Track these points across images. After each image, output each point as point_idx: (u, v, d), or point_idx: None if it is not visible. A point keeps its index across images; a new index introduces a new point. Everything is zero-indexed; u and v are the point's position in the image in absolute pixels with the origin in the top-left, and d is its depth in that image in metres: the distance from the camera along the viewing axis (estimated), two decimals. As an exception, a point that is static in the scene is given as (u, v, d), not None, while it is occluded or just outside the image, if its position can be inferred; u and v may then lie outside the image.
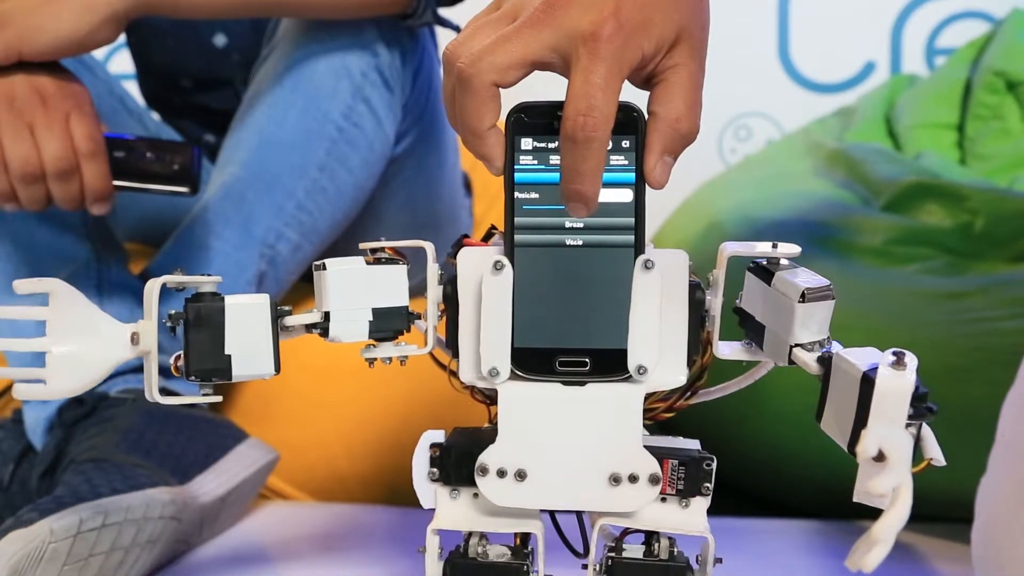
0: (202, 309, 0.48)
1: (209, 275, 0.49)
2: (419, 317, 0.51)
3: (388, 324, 0.50)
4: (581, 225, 0.46)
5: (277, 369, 0.49)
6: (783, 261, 0.47)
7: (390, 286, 0.50)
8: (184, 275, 0.48)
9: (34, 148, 0.74)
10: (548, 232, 0.46)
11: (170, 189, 0.80)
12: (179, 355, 0.49)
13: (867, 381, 0.40)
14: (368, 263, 0.49)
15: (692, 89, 0.45)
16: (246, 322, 0.48)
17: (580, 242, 0.46)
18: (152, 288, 0.48)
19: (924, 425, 0.40)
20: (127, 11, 0.77)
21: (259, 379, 0.49)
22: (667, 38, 0.44)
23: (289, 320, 0.49)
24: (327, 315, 0.49)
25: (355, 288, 0.49)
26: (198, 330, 0.48)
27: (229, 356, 0.48)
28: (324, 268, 0.48)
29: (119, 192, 0.79)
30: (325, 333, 0.49)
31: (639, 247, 0.45)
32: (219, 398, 0.50)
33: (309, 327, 0.50)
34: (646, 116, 0.45)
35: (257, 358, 0.49)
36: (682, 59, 0.44)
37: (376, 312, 0.49)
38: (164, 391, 0.88)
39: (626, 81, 0.45)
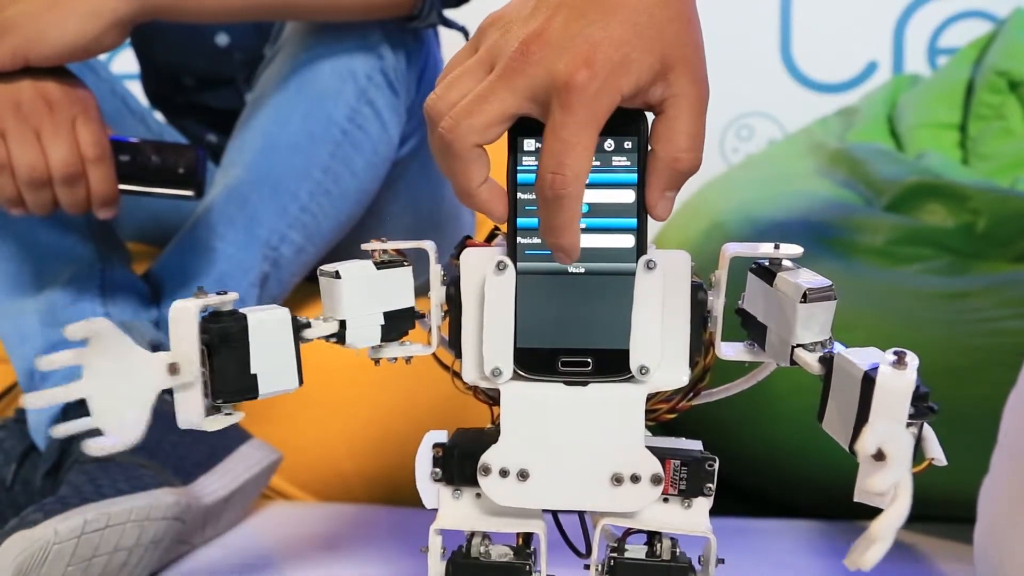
0: (226, 329, 0.46)
1: (226, 292, 0.47)
2: (423, 316, 0.51)
3: (398, 327, 0.50)
4: (583, 226, 0.46)
5: (300, 382, 0.48)
6: (785, 262, 0.48)
7: (398, 289, 0.50)
8: (204, 295, 0.47)
9: (41, 154, 0.74)
10: None
11: (175, 193, 0.80)
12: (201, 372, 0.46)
13: (868, 380, 0.40)
14: (376, 264, 0.50)
15: (693, 120, 0.44)
16: (269, 338, 0.47)
17: (582, 244, 0.46)
18: (185, 314, 0.45)
19: (925, 425, 0.41)
20: (132, 16, 0.77)
21: (283, 394, 0.48)
22: (650, 71, 0.42)
23: (308, 333, 0.49)
24: (343, 323, 0.49)
25: (367, 294, 0.49)
26: (223, 351, 0.46)
27: (255, 375, 0.47)
28: (339, 276, 0.48)
29: (124, 195, 0.79)
30: (341, 341, 0.49)
31: (641, 247, 0.46)
32: (242, 415, 0.48)
33: (327, 337, 0.49)
34: (648, 118, 0.45)
35: (281, 373, 0.48)
36: (681, 88, 0.43)
37: (387, 316, 0.49)
38: (168, 391, 0.88)
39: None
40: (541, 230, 0.43)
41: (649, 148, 0.45)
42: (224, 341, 0.46)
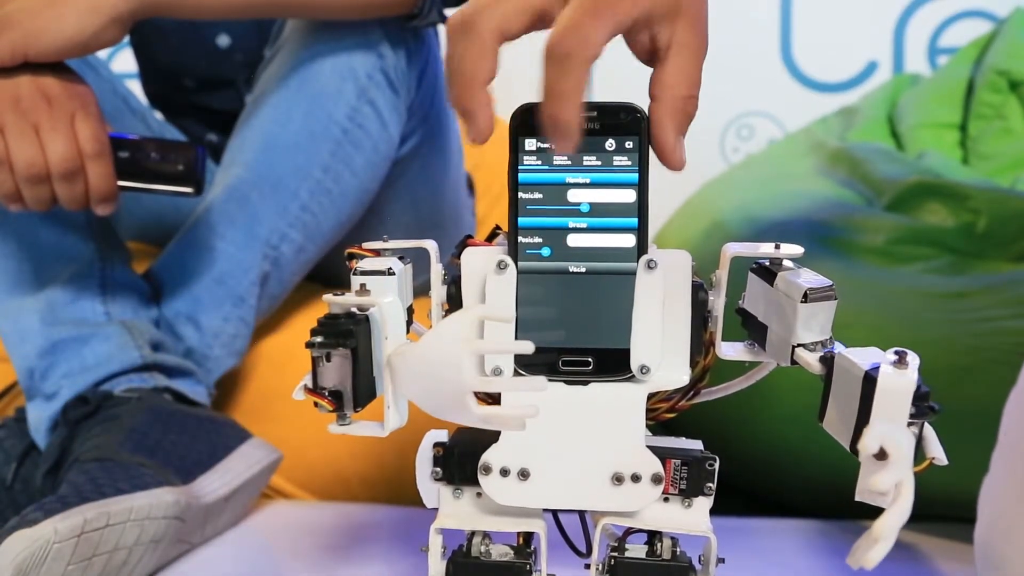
0: (360, 331, 0.44)
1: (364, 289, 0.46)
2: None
3: (409, 322, 0.50)
4: (584, 225, 0.46)
5: None
6: (786, 262, 0.48)
7: (407, 286, 0.50)
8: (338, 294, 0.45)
9: (39, 149, 0.74)
10: (552, 233, 0.46)
11: (174, 190, 0.80)
12: (319, 388, 0.44)
13: (869, 380, 0.40)
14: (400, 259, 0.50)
15: (696, 70, 0.45)
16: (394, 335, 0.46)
17: (583, 244, 0.46)
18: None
19: (926, 424, 0.41)
20: (132, 12, 0.77)
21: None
22: (665, 4, 0.43)
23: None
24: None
25: (405, 289, 0.49)
26: (360, 354, 0.43)
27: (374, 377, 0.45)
28: (392, 273, 0.48)
29: (123, 192, 0.79)
30: None
31: (642, 247, 0.46)
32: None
33: None
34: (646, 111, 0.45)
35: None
36: (687, 36, 0.44)
37: (408, 311, 0.50)
38: (169, 390, 0.88)
39: (629, 82, 0.45)
40: (543, 102, 0.42)
41: (652, 97, 0.45)
42: (360, 341, 0.44)
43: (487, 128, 0.43)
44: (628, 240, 0.46)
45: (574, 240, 0.46)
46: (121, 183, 0.79)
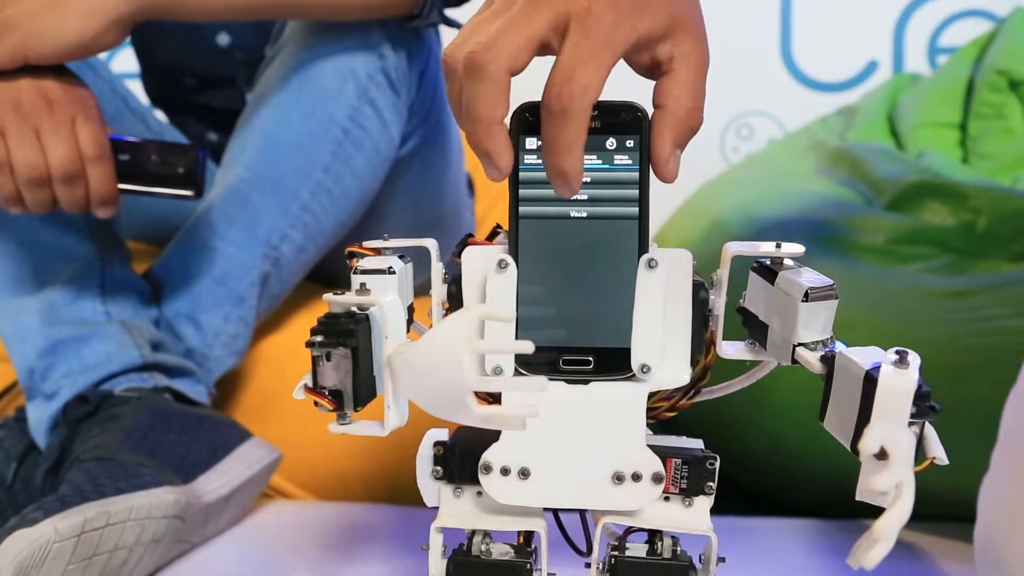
0: (361, 331, 0.43)
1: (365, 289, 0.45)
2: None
3: (409, 321, 0.50)
4: (585, 214, 0.46)
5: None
6: (787, 261, 0.48)
7: (408, 285, 0.50)
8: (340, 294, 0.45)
9: (40, 152, 0.74)
10: (552, 231, 0.46)
11: (175, 193, 0.80)
12: (319, 387, 0.44)
13: (870, 380, 0.40)
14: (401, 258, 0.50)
15: (700, 81, 0.45)
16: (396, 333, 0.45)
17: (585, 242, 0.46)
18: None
19: (927, 424, 0.41)
20: (132, 15, 0.77)
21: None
22: (663, 23, 0.44)
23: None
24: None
25: (405, 287, 0.49)
26: (362, 356, 0.43)
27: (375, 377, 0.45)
28: (392, 272, 0.48)
29: (123, 195, 0.79)
30: None
31: (643, 246, 0.46)
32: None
33: None
34: (649, 116, 0.45)
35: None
36: (688, 48, 0.45)
37: (408, 310, 0.50)
38: (169, 390, 0.88)
39: (626, 82, 0.45)
40: (544, 153, 0.42)
41: (656, 107, 0.45)
42: (361, 342, 0.44)
43: (507, 167, 0.44)
44: (629, 240, 0.46)
45: (575, 239, 0.46)
46: (121, 186, 0.78)
